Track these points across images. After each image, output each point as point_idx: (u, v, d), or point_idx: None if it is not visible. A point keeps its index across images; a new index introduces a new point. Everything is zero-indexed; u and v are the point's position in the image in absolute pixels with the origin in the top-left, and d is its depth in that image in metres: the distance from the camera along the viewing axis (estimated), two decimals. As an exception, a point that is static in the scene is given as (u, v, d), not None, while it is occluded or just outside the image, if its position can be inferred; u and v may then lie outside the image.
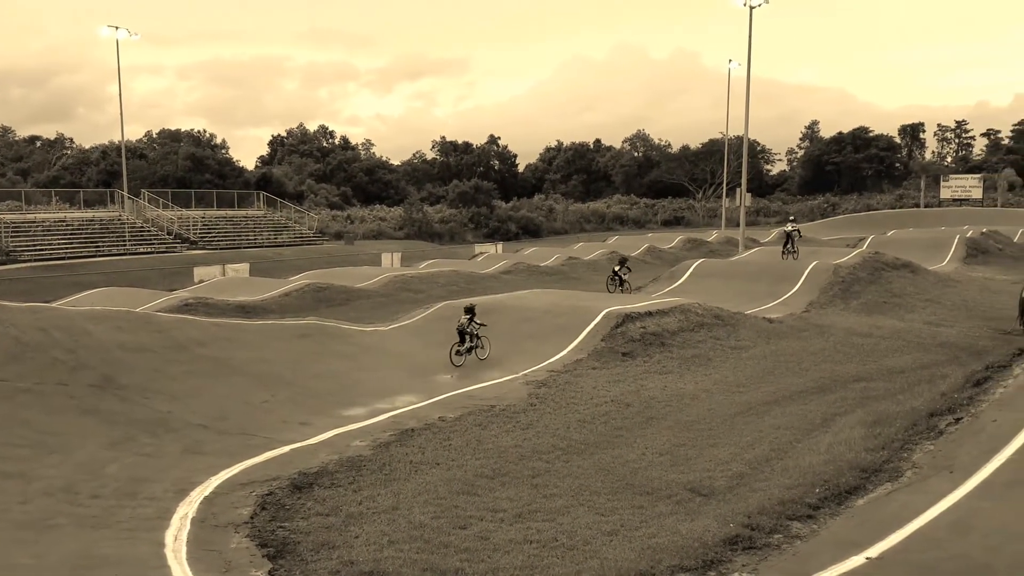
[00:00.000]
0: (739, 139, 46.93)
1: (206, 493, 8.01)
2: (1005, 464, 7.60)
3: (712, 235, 52.43)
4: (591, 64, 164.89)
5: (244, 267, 36.23)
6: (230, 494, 7.99)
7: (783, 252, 30.04)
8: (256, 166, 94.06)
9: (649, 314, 16.30)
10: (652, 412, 11.22)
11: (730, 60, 51.65)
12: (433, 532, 7.05)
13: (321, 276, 29.35)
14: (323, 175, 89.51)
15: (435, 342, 15.92)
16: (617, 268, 25.30)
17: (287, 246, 50.92)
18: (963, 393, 10.12)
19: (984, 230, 41.90)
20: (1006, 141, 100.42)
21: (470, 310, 14.74)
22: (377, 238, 60.29)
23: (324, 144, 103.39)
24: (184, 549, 6.76)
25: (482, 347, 14.55)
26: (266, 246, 49.77)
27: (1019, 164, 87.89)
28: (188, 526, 7.24)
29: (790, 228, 30.69)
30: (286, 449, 9.48)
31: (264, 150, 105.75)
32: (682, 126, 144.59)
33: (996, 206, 66.22)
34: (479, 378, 13.25)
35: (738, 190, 43.85)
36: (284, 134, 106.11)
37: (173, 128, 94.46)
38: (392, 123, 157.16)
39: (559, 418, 10.88)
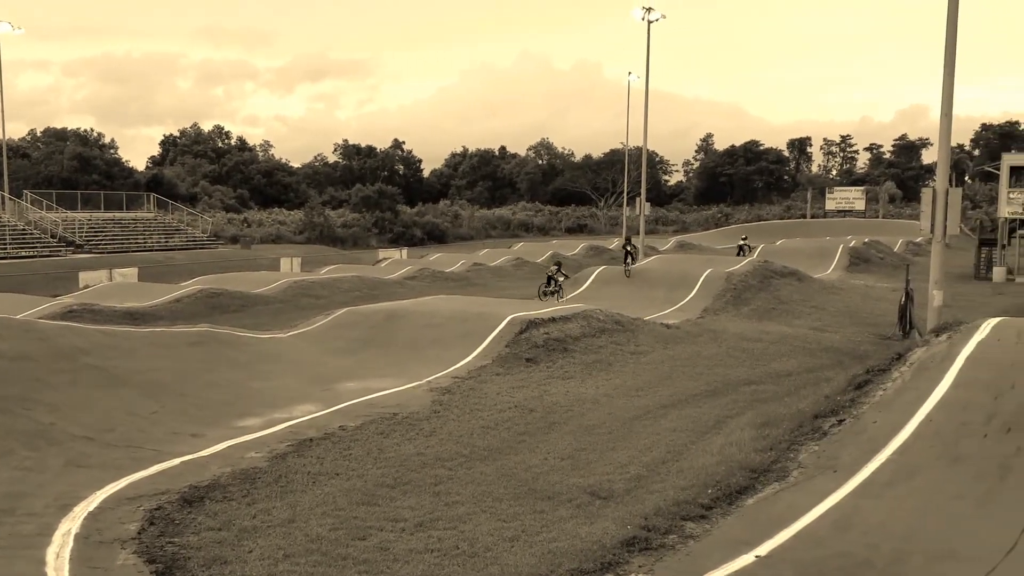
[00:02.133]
0: (639, 150, 48.14)
1: (91, 508, 7.61)
2: (884, 464, 8.02)
3: (614, 243, 53.54)
4: (496, 71, 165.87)
5: (133, 272, 34.67)
6: (116, 509, 7.61)
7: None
8: (147, 167, 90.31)
9: (553, 320, 16.49)
10: (555, 417, 11.34)
11: (629, 73, 52.98)
12: (331, 544, 6.90)
13: (215, 281, 28.40)
14: (218, 177, 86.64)
15: (336, 349, 15.66)
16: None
17: (179, 250, 48.97)
18: (845, 396, 10.63)
19: (866, 240, 44.40)
20: (887, 155, 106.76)
21: (558, 263, 22.24)
22: (276, 242, 58.82)
23: (220, 145, 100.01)
24: (67, 567, 6.40)
25: (562, 295, 19.84)
26: (156, 250, 47.73)
27: (899, 177, 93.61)
28: (71, 543, 6.85)
29: (742, 242, 36.33)
30: (176, 462, 9.10)
31: (156, 150, 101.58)
32: (585, 135, 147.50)
33: (878, 217, 70.22)
34: (381, 385, 13.08)
35: (638, 199, 44.94)
36: (177, 134, 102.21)
37: (59, 127, 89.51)
38: (292, 124, 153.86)
39: (463, 425, 10.86)
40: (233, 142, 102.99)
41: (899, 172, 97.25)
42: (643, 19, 39.55)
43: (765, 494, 7.82)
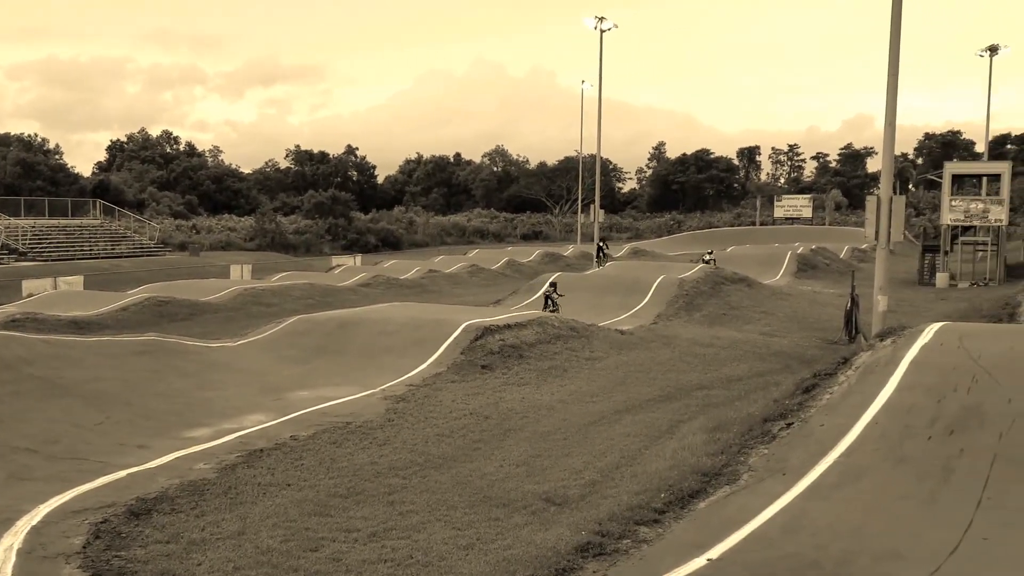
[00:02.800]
0: (593, 157, 48.52)
1: (34, 522, 7.39)
2: (832, 466, 8.18)
3: (568, 249, 53.86)
4: (450, 78, 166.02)
5: (78, 280, 33.76)
6: (61, 523, 7.40)
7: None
8: (93, 172, 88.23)
9: (508, 327, 16.50)
10: (510, 424, 11.34)
11: (583, 81, 53.55)
12: (282, 556, 6.80)
13: (163, 289, 27.84)
14: (166, 183, 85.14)
15: (288, 358, 15.46)
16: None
17: (126, 257, 47.96)
18: (794, 399, 10.84)
19: (813, 247, 45.31)
20: (833, 164, 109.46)
21: (553, 284, 23.16)
22: (226, 249, 57.87)
23: (168, 150, 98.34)
24: (8, 584, 6.20)
25: (559, 312, 20.02)
26: (103, 257, 46.63)
27: (845, 185, 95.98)
28: (14, 558, 6.64)
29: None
30: (122, 474, 8.88)
31: (102, 156, 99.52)
32: (540, 143, 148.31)
33: (824, 224, 71.74)
34: (333, 394, 12.94)
35: (592, 206, 45.33)
36: (124, 139, 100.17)
37: (1, 132, 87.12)
38: (243, 130, 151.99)
39: (417, 433, 10.80)
40: (182, 147, 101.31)
41: (845, 180, 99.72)
42: (596, 28, 39.98)
43: (717, 497, 7.92)
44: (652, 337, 18.70)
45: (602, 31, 39.86)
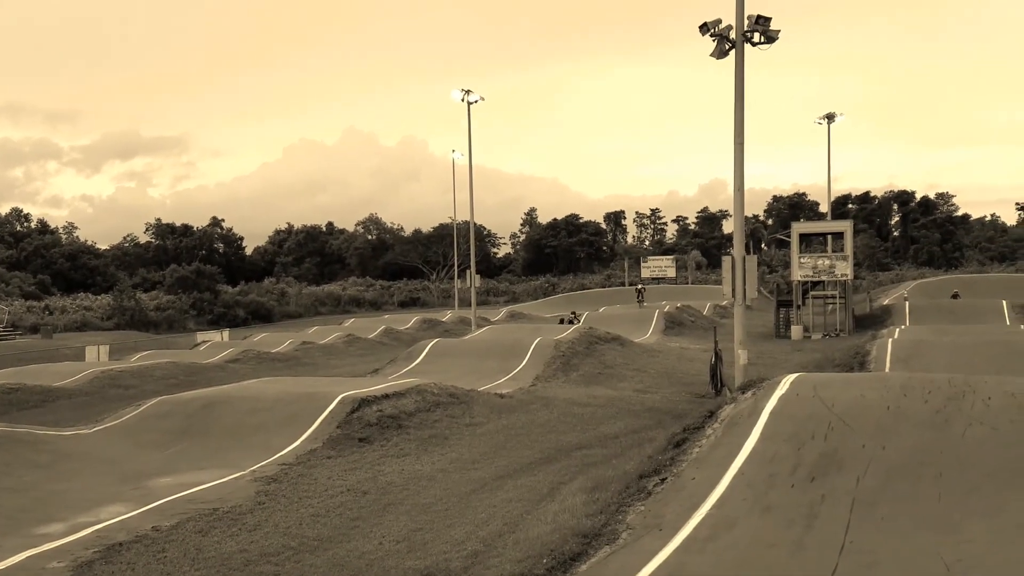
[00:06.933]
0: (467, 224, 49.16)
1: None
2: (704, 519, 8.41)
3: (447, 315, 53.91)
4: (320, 147, 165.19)
5: (-89, 369, 30.77)
6: None
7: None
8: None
9: (386, 396, 16.22)
10: (389, 498, 11.06)
11: (453, 151, 54.38)
12: (144, 660, 6.30)
13: (12, 375, 25.82)
14: (16, 262, 79.94)
15: (148, 443, 14.58)
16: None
17: (-31, 342, 44.20)
18: (666, 454, 11.12)
19: (679, 305, 47.32)
20: (692, 226, 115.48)
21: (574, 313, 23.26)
22: (81, 330, 54.52)
23: (18, 228, 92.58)
24: None
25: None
26: (-59, 343, 42.86)
27: (704, 246, 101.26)
28: None
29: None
30: (-40, 583, 8.05)
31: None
32: (414, 210, 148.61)
33: (687, 283, 75.16)
34: (199, 479, 12.25)
35: (468, 272, 45.68)
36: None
37: None
38: (100, 205, 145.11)
39: (291, 515, 10.35)
40: (33, 225, 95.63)
41: (703, 241, 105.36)
42: (463, 100, 40.89)
43: (598, 558, 7.97)
44: (531, 399, 18.84)
45: (469, 103, 40.84)
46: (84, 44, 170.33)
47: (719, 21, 18.72)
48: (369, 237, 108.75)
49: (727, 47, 18.76)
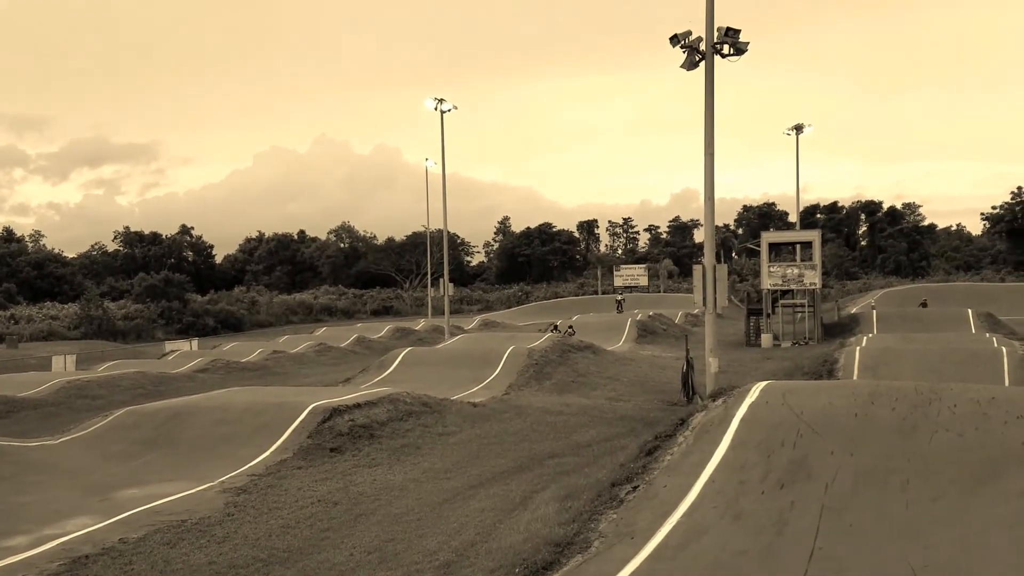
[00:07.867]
0: (440, 232, 49.10)
1: None
2: (676, 527, 8.44)
3: (420, 323, 53.73)
4: (292, 155, 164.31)
5: None
6: None
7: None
8: None
9: (358, 406, 16.11)
10: (361, 508, 10.98)
11: (427, 159, 54.39)
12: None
13: (-26, 386, 25.28)
14: (-20, 270, 78.20)
15: (115, 454, 14.36)
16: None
17: (-71, 352, 43.24)
18: (638, 462, 11.15)
19: (651, 313, 47.58)
20: (664, 235, 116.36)
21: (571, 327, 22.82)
22: (48, 339, 53.66)
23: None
24: None
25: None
26: (-100, 353, 41.90)
27: (675, 255, 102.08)
28: None
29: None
30: (-83, 600, 7.86)
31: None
32: (387, 218, 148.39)
33: (660, 292, 75.62)
34: (166, 491, 12.08)
35: (441, 280, 45.60)
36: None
37: None
38: (67, 212, 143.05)
39: (260, 527, 10.23)
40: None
41: (675, 250, 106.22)
42: (436, 108, 40.93)
43: (570, 567, 7.96)
44: (504, 408, 18.81)
45: (442, 112, 40.88)
46: (52, 49, 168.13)
47: (689, 33, 18.94)
48: (341, 245, 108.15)
49: (697, 59, 18.99)
